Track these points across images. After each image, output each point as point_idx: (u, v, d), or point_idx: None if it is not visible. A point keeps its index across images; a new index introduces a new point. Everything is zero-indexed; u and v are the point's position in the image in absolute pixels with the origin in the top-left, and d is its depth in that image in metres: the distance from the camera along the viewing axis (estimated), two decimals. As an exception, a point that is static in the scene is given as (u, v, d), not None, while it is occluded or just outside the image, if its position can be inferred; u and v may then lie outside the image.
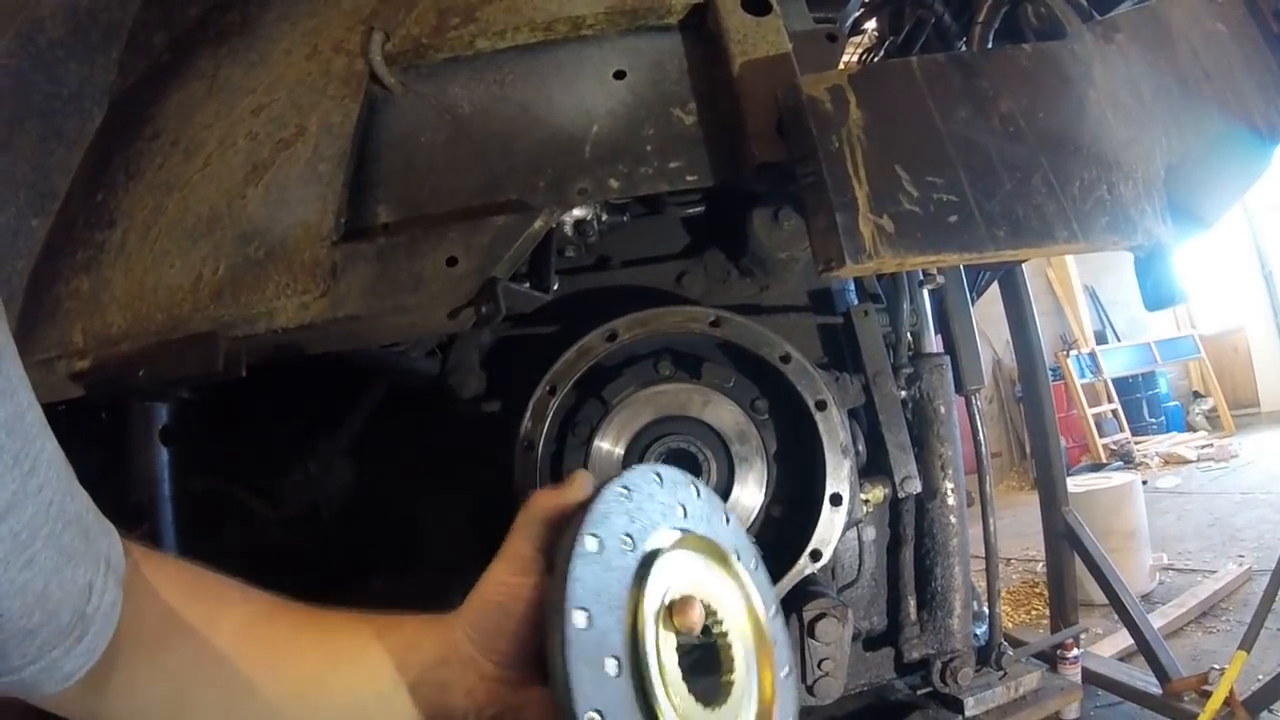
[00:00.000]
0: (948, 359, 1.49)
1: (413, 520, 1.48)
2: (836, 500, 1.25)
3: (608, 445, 1.35)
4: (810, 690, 1.23)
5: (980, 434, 1.52)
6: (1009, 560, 4.32)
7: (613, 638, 0.50)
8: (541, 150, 1.22)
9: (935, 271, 1.48)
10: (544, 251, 1.20)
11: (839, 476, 1.25)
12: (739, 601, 0.63)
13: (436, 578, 1.37)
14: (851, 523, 1.28)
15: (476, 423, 1.45)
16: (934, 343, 1.50)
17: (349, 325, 1.16)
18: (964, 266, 1.95)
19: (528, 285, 1.20)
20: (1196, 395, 8.86)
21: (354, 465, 1.51)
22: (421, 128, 1.25)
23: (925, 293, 1.50)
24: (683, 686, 0.53)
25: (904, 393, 1.41)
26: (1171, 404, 8.47)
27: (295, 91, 1.25)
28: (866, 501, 1.33)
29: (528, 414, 1.32)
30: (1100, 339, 8.38)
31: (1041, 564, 3.07)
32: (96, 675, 0.53)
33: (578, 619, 0.49)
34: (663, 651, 0.53)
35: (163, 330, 1.21)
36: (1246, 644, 2.59)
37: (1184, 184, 1.15)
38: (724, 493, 1.32)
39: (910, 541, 1.41)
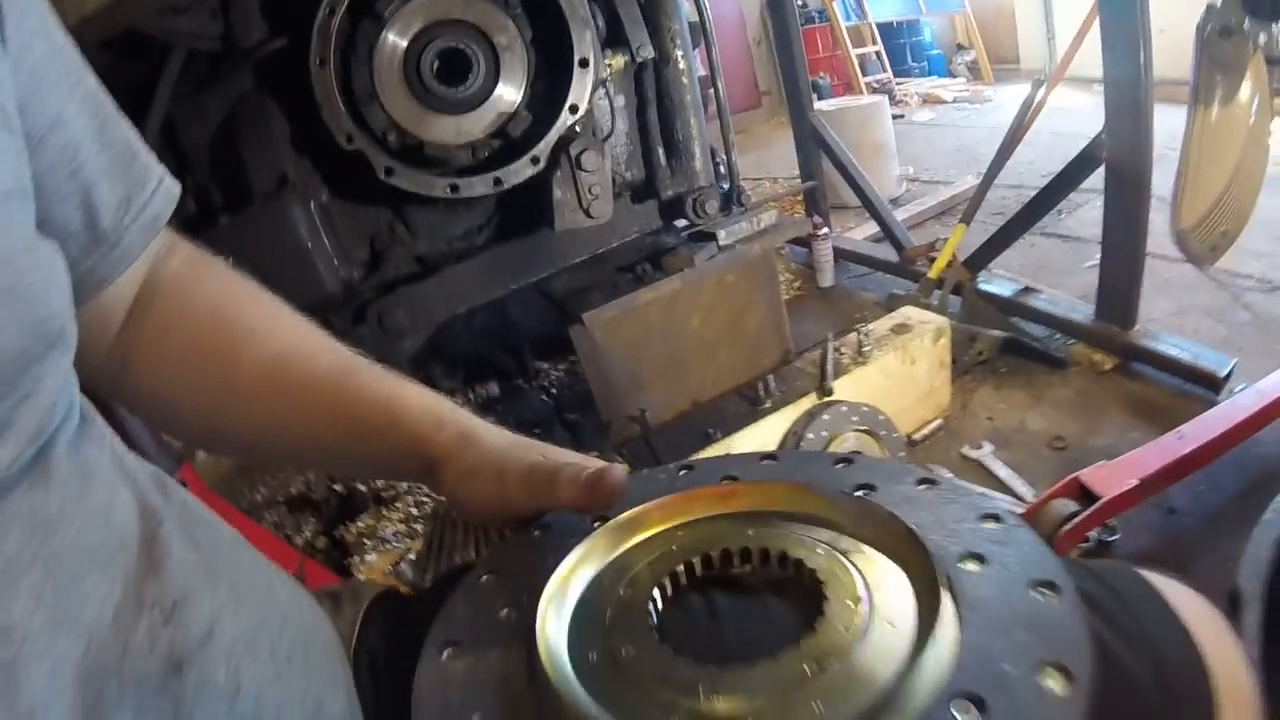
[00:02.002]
0: (667, -52, 1.75)
1: (239, 163, 1.66)
2: (584, 63, 1.56)
3: (385, 60, 1.56)
4: (588, 213, 1.62)
5: (705, 15, 1.83)
6: (777, 179, 4.92)
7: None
8: None
9: None
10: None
11: (584, 44, 1.55)
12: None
13: (268, 204, 1.62)
14: (599, 82, 1.60)
15: (267, 62, 1.62)
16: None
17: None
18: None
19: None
20: (960, 47, 9.41)
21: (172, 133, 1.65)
22: None
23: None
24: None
25: (633, -22, 1.68)
26: (935, 52, 9.05)
27: None
28: (610, 65, 1.64)
29: (314, 36, 1.51)
30: (868, -14, 8.66)
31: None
32: (135, 313, 0.57)
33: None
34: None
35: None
36: (966, 219, 3.17)
37: None
38: (493, 82, 1.59)
39: (653, 103, 1.75)
